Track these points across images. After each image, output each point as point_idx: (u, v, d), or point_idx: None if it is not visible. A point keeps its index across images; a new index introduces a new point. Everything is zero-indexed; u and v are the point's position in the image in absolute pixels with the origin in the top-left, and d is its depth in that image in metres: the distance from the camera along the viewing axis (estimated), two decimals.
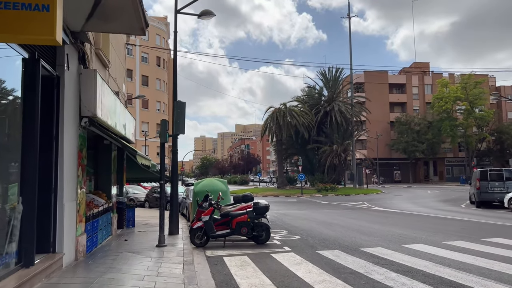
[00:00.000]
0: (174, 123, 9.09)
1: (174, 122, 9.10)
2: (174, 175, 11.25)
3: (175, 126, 9.07)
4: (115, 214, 11.52)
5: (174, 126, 9.09)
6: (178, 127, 9.04)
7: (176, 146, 11.46)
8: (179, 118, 9.00)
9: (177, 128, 9.06)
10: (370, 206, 21.96)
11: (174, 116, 9.14)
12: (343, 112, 40.74)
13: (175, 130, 9.11)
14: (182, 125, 9.12)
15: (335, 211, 18.80)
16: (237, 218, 9.81)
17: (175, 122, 9.08)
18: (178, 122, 9.00)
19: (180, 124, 9.03)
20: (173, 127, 9.10)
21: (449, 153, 63.23)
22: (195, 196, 13.68)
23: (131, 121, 13.00)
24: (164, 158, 9.16)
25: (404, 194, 32.98)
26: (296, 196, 32.37)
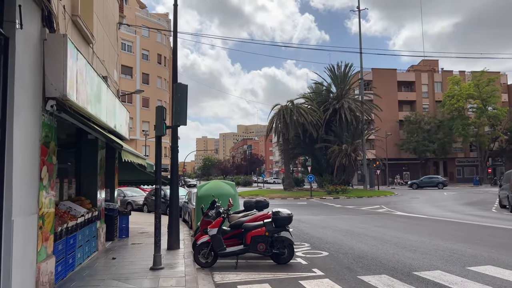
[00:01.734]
0: (174, 111, 7.11)
1: (173, 110, 7.12)
2: (173, 176, 9.28)
3: (175, 115, 7.09)
4: (102, 224, 9.54)
5: (174, 116, 7.11)
6: (178, 116, 7.06)
7: (176, 141, 9.49)
8: (179, 105, 7.01)
9: (177, 118, 7.08)
10: (391, 210, 19.92)
11: (173, 103, 7.16)
12: (353, 109, 38.67)
13: (175, 120, 7.13)
14: (184, 113, 7.13)
15: (356, 217, 16.78)
16: (252, 231, 7.82)
17: (174, 110, 7.09)
18: (179, 110, 7.02)
19: (181, 113, 7.04)
20: (173, 116, 7.11)
21: (460, 153, 61.05)
22: (199, 202, 11.74)
23: (123, 114, 11.03)
24: (160, 156, 7.18)
25: (420, 196, 30.92)
26: (305, 198, 30.34)
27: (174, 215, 9.40)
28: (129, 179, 16.26)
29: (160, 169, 7.19)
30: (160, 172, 7.21)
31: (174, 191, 9.32)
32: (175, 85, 7.34)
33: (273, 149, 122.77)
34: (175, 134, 9.39)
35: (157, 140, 7.23)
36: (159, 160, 7.16)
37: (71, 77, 5.69)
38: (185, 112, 7.21)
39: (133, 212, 21.50)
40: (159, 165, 7.14)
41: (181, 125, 7.23)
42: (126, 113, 11.60)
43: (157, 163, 7.15)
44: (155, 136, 7.19)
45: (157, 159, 7.14)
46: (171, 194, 9.40)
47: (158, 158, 7.15)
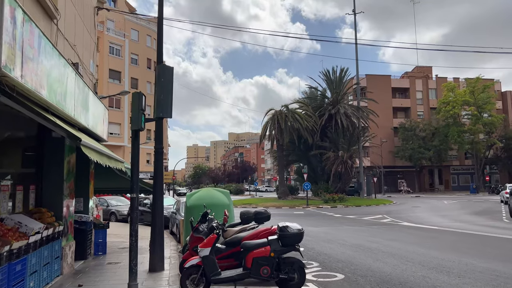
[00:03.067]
0: (156, 100, 5.58)
1: (155, 98, 5.59)
2: (157, 183, 7.72)
3: (157, 105, 5.56)
4: (70, 241, 7.89)
5: (156, 105, 5.57)
6: (161, 106, 5.52)
7: (160, 141, 7.93)
8: (163, 92, 5.47)
9: (161, 108, 5.55)
10: (396, 220, 18.49)
11: (156, 90, 5.62)
12: (349, 115, 37.41)
13: (157, 110, 5.59)
14: (168, 103, 5.59)
15: (361, 229, 15.29)
16: (254, 251, 6.26)
17: (157, 98, 5.56)
18: (162, 98, 5.48)
19: (165, 102, 5.50)
20: (155, 106, 5.58)
21: (455, 161, 60.21)
22: (188, 213, 10.17)
23: (100, 111, 9.46)
24: (137, 156, 5.63)
25: (420, 205, 29.59)
26: (301, 207, 28.80)
27: (157, 229, 7.81)
28: (112, 187, 14.47)
29: (137, 173, 5.62)
30: (137, 177, 5.64)
31: (158, 200, 7.75)
32: (159, 67, 5.79)
33: (265, 157, 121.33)
34: (159, 132, 7.84)
35: (133, 136, 5.67)
36: (136, 161, 5.60)
37: (11, 45, 4.14)
38: (170, 101, 5.68)
39: (117, 224, 19.76)
40: (136, 168, 5.57)
41: (165, 117, 5.69)
42: (104, 111, 10.01)
43: (133, 164, 5.58)
44: (131, 130, 5.64)
45: (133, 160, 5.58)
46: (154, 204, 7.83)
47: (134, 158, 5.59)
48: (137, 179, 5.63)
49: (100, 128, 9.49)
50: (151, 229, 8.01)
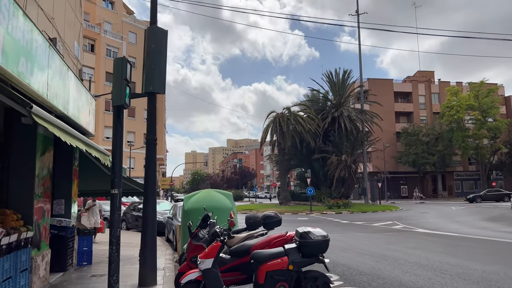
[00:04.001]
0: (145, 71, 4.35)
1: (144, 69, 4.36)
2: (148, 182, 6.46)
3: (147, 77, 4.33)
4: (44, 250, 6.61)
5: (145, 77, 4.35)
6: (152, 78, 4.29)
7: (153, 131, 6.67)
8: (154, 61, 4.25)
9: (151, 80, 4.32)
10: (409, 227, 17.21)
11: (145, 58, 4.39)
12: (353, 118, 36.21)
13: (147, 83, 4.37)
14: (161, 74, 4.36)
15: (375, 236, 14.01)
16: (268, 263, 5.00)
17: (146, 69, 4.34)
18: (153, 69, 4.25)
19: (156, 73, 4.26)
20: (143, 79, 4.36)
21: (458, 167, 58.99)
22: (185, 217, 8.94)
23: (83, 98, 8.24)
24: (120, 145, 4.38)
25: (428, 211, 28.31)
26: (305, 213, 27.48)
27: (148, 236, 6.54)
28: (104, 189, 13.10)
29: (120, 164, 4.38)
30: (120, 169, 4.39)
31: (150, 201, 6.48)
32: (149, 29, 4.54)
33: (264, 163, 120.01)
34: (152, 116, 6.57)
35: (115, 114, 4.44)
36: (119, 149, 4.36)
37: None
38: (162, 73, 4.46)
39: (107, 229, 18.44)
40: (118, 158, 4.33)
41: (157, 92, 4.47)
42: (90, 100, 8.79)
43: (115, 152, 4.34)
44: (112, 107, 4.41)
45: (115, 146, 4.34)
46: (145, 206, 6.56)
47: (117, 144, 4.35)
48: (119, 172, 4.39)
49: (85, 119, 8.26)
50: (142, 235, 6.74)
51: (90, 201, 14.61)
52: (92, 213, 14.12)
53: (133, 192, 12.20)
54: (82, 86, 8.20)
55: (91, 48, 47.23)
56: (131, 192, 12.35)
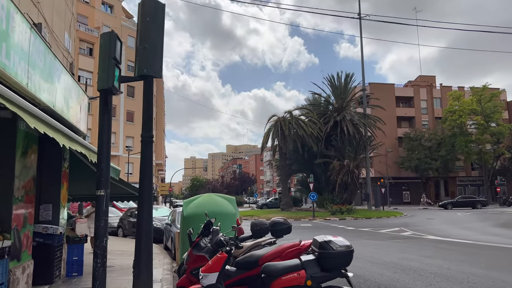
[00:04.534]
0: (138, 50, 3.65)
1: (137, 48, 3.66)
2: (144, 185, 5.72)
3: (140, 58, 3.63)
4: (26, 261, 5.86)
5: (138, 58, 3.65)
6: (146, 59, 3.59)
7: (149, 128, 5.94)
8: (151, 38, 3.56)
9: (145, 61, 3.62)
10: (418, 233, 16.44)
11: (138, 35, 3.69)
12: (355, 122, 35.52)
13: (140, 65, 3.67)
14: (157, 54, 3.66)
15: (385, 243, 13.25)
16: (282, 278, 4.27)
17: (139, 48, 3.63)
18: (147, 48, 3.55)
19: (151, 52, 3.56)
20: (137, 59, 3.66)
21: (461, 172, 58.23)
22: (185, 224, 8.23)
23: (74, 93, 7.54)
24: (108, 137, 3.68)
25: (434, 217, 27.55)
26: (307, 219, 26.68)
27: (144, 245, 5.75)
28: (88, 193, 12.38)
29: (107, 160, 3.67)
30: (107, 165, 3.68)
31: (145, 206, 5.73)
32: (143, 1, 3.84)
33: (264, 168, 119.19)
34: (149, 118, 5.86)
35: (101, 100, 3.74)
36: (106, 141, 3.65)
37: None
38: (159, 53, 3.76)
39: None
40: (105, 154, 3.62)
41: (152, 75, 3.77)
42: (81, 96, 8.09)
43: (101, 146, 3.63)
44: (98, 91, 3.70)
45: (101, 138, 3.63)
46: (140, 213, 5.80)
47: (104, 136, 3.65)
48: (106, 169, 3.68)
49: (75, 116, 7.56)
50: (136, 244, 5.97)
51: (90, 207, 13.47)
52: (92, 220, 13.19)
53: (129, 196, 11.47)
54: (73, 81, 7.51)
55: (90, 52, 46.65)
56: (127, 197, 11.62)
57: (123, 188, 10.13)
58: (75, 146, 4.40)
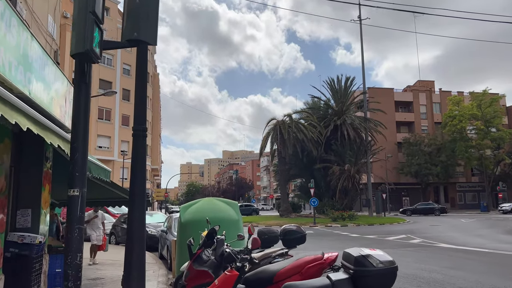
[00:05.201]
0: (128, 10, 2.78)
1: (126, 7, 2.79)
2: (135, 185, 4.87)
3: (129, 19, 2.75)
4: None
5: (126, 20, 2.77)
6: (138, 21, 2.71)
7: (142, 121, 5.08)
8: None
9: (137, 23, 2.74)
10: (428, 241, 15.59)
11: None
12: (356, 126, 34.75)
13: (129, 28, 2.79)
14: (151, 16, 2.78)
15: (397, 252, 12.36)
16: None
17: (128, 7, 2.76)
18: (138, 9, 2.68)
19: (143, 13, 2.69)
20: (124, 21, 2.78)
21: (461, 178, 57.56)
22: (182, 231, 7.34)
23: (59, 84, 6.67)
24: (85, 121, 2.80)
25: (438, 223, 26.72)
26: (308, 226, 25.75)
27: (135, 256, 4.88)
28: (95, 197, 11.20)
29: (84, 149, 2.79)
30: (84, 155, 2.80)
31: (137, 211, 4.85)
32: None
33: (261, 174, 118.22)
34: (141, 106, 4.99)
35: (76, 68, 2.86)
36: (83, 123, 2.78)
37: None
38: (153, 15, 2.89)
39: None
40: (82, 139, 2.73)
41: (145, 41, 2.91)
42: (67, 86, 7.20)
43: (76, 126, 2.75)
44: (71, 56, 2.82)
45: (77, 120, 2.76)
46: (131, 217, 4.92)
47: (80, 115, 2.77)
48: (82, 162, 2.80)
49: (59, 109, 6.66)
50: (125, 255, 5.06)
51: (91, 212, 11.84)
52: (94, 226, 11.49)
53: (122, 201, 10.51)
54: (58, 69, 6.63)
55: None
56: (120, 201, 10.67)
57: (116, 192, 9.22)
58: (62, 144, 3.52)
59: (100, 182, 8.28)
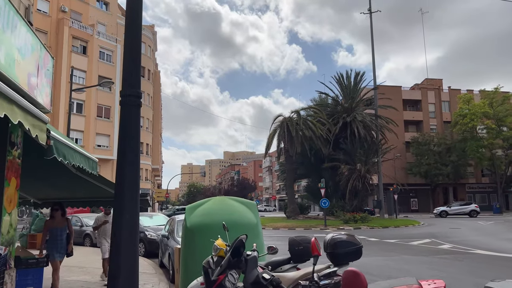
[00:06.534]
0: None
1: None
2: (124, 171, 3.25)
3: None
4: None
5: None
6: None
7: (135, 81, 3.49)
8: None
9: None
10: (460, 247, 13.94)
11: None
12: (367, 124, 33.08)
13: None
14: None
15: (435, 261, 10.72)
16: None
17: None
18: None
19: None
20: None
21: (471, 179, 55.80)
22: (188, 238, 5.76)
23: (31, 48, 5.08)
24: None
25: (457, 226, 25.05)
26: (319, 229, 24.12)
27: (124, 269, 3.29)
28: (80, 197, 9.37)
29: None
30: None
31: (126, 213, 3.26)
32: None
33: (263, 175, 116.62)
34: (134, 67, 3.43)
35: None
36: None
37: None
38: None
39: (90, 250, 14.95)
40: None
41: None
42: (42, 53, 5.61)
43: None
44: None
45: None
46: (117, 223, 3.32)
47: None
48: None
49: (24, 74, 5.04)
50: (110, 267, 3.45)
51: (101, 215, 9.23)
52: (105, 234, 8.91)
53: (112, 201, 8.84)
54: (29, 29, 5.03)
55: (83, 50, 44.16)
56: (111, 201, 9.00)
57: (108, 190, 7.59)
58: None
59: (87, 177, 6.68)
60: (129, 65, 3.69)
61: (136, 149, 3.49)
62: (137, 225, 3.62)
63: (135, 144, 3.47)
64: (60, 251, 7.37)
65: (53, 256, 7.11)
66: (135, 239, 3.54)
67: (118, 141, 3.46)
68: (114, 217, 3.48)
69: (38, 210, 14.46)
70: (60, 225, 7.55)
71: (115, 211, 3.50)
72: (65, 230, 7.61)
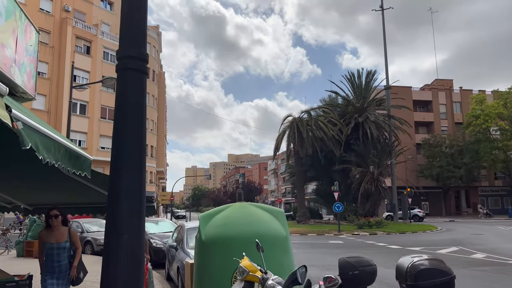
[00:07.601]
0: None
1: None
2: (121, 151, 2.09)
3: None
4: None
5: None
6: None
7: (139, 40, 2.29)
8: None
9: None
10: (496, 256, 12.69)
11: None
12: (380, 124, 31.81)
13: None
14: None
15: (476, 274, 9.48)
16: None
17: None
18: None
19: None
20: None
21: (484, 182, 54.24)
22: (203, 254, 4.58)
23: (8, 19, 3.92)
24: None
25: (479, 232, 23.71)
26: (333, 234, 22.87)
27: None
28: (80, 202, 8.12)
29: None
30: None
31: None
32: None
33: (268, 178, 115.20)
34: (137, 20, 2.26)
35: None
36: None
37: None
38: None
39: (92, 258, 13.78)
40: None
41: None
42: (22, 23, 4.49)
43: None
44: None
45: None
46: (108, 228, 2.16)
47: None
48: None
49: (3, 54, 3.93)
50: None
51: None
52: None
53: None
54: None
55: (87, 50, 43.29)
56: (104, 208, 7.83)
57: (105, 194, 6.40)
58: None
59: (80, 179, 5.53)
60: (128, 16, 2.53)
61: (141, 135, 2.35)
62: (142, 249, 2.48)
63: (139, 125, 2.33)
64: (58, 278, 4.87)
65: (45, 284, 4.80)
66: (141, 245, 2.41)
67: (114, 125, 2.32)
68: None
69: (36, 216, 13.39)
70: (59, 239, 4.99)
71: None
72: (66, 247, 5.05)
